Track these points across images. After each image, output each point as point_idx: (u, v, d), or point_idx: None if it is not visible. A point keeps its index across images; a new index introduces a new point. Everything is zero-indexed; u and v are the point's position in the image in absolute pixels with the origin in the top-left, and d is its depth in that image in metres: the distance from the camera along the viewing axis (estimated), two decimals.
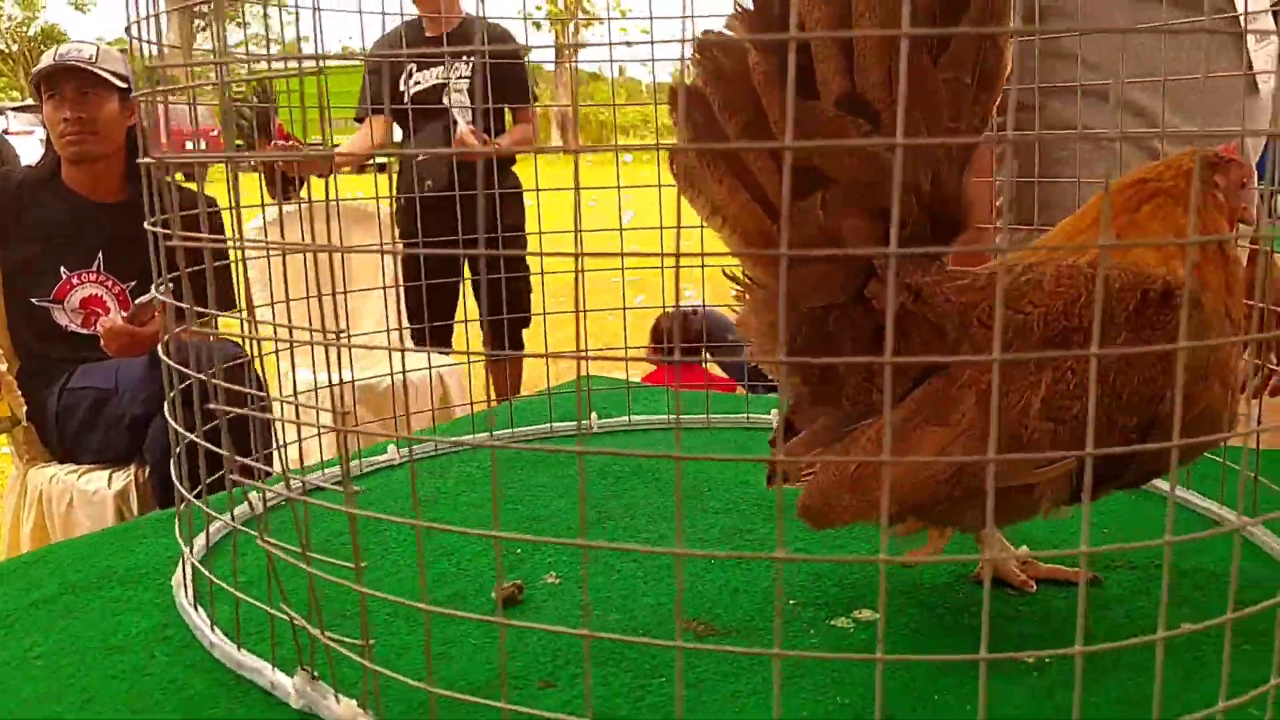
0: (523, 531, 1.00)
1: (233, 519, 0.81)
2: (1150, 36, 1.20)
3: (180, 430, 0.79)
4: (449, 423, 1.37)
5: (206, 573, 0.81)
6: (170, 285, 0.76)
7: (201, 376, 0.71)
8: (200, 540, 0.93)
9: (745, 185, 0.73)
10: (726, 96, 0.72)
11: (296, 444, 1.18)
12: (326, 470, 1.17)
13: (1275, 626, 0.59)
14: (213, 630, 0.80)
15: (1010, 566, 0.87)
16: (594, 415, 1.35)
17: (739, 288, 0.80)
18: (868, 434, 0.75)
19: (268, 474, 0.98)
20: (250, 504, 0.97)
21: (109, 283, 2.24)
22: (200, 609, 0.83)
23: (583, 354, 0.48)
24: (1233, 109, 1.29)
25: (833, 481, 0.75)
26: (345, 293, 0.64)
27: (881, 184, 0.72)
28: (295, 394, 0.99)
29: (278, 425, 1.08)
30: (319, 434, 1.14)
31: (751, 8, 0.72)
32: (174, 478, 0.83)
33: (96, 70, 2.17)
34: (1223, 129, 1.27)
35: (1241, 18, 1.40)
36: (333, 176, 1.06)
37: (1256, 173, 1.47)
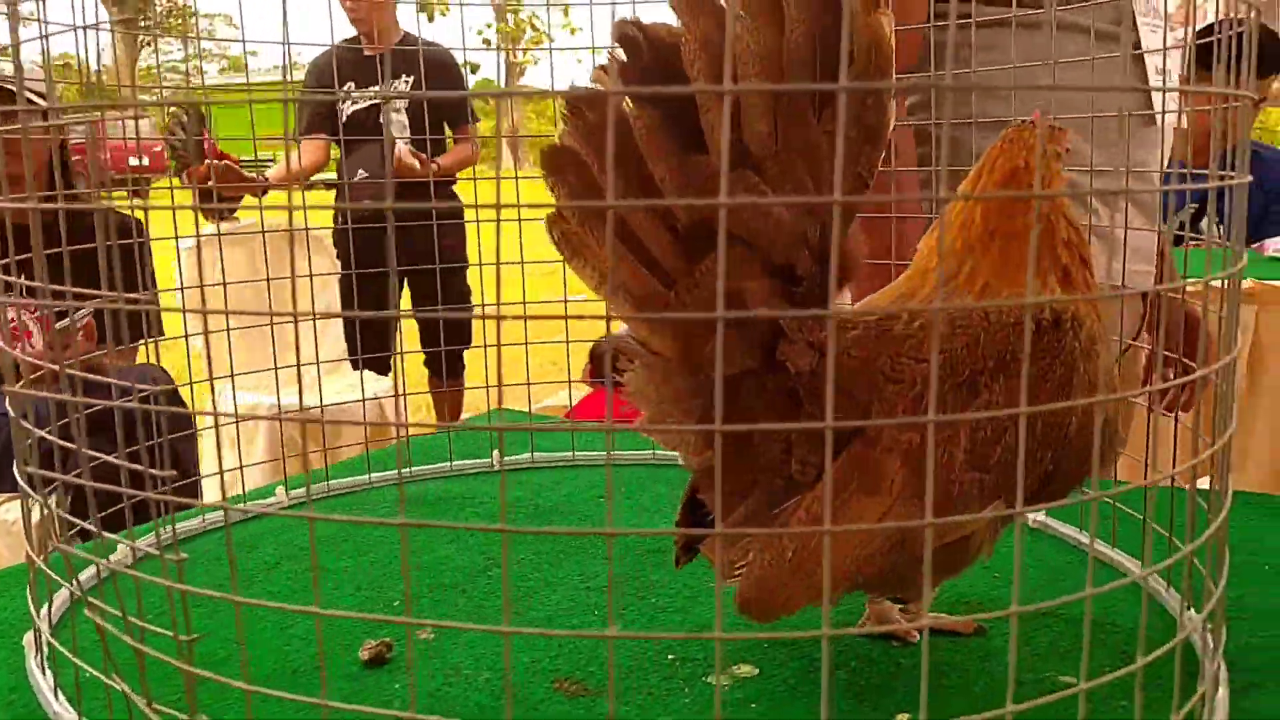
0: (406, 580, 0.97)
1: (76, 583, 0.77)
2: (1072, 71, 1.19)
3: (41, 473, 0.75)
4: (339, 462, 1.32)
5: (47, 636, 0.77)
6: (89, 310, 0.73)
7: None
8: (64, 594, 0.89)
9: (633, 250, 0.69)
10: (604, 155, 0.67)
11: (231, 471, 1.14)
12: (208, 516, 1.13)
13: (1174, 673, 0.57)
14: (56, 697, 0.75)
15: (895, 615, 0.85)
16: (495, 453, 1.32)
17: (629, 360, 0.74)
18: (798, 514, 0.71)
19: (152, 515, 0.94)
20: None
21: (31, 307, 2.18)
22: (49, 672, 0.79)
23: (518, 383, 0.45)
24: (1134, 138, 1.30)
25: (771, 571, 0.71)
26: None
27: (778, 240, 0.70)
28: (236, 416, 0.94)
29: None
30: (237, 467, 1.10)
31: (624, 58, 0.67)
32: (24, 529, 0.79)
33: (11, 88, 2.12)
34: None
35: (1146, 54, 1.41)
36: (266, 196, 1.04)
37: (1161, 204, 1.48)
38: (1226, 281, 0.69)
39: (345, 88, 3.84)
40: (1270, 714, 0.71)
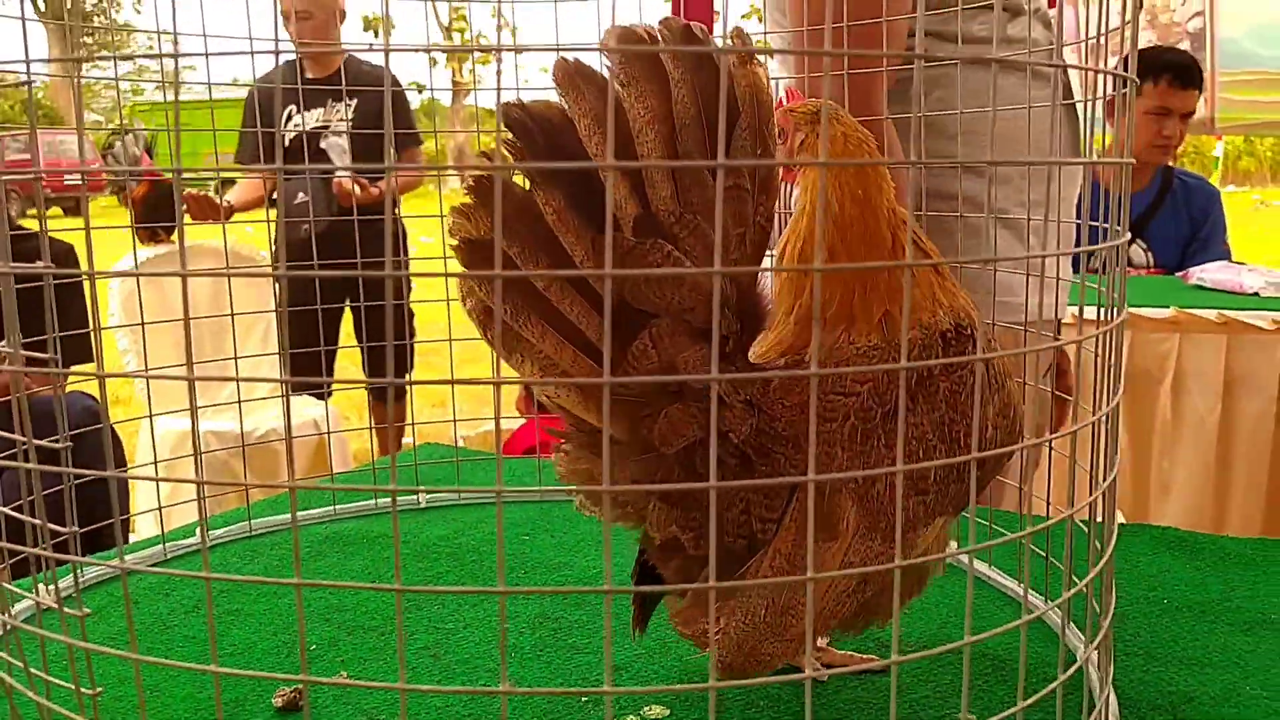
0: (321, 621, 0.97)
1: None
2: (1004, 102, 1.22)
3: None
4: (260, 500, 1.32)
5: None
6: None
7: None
8: None
9: (570, 338, 0.69)
10: (523, 244, 0.68)
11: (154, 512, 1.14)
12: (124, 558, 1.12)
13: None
14: None
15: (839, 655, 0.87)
16: (422, 493, 1.32)
17: (567, 439, 0.75)
18: (762, 571, 0.72)
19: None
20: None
21: None
22: None
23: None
24: (1065, 173, 1.34)
25: (748, 632, 0.72)
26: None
27: (700, 305, 0.71)
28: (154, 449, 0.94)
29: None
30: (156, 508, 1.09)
31: (519, 142, 0.67)
32: None
33: None
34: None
35: (1077, 91, 1.46)
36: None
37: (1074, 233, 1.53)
38: (1107, 334, 0.72)
39: (286, 111, 3.83)
40: None
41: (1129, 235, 0.72)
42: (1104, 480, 0.71)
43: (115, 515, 0.61)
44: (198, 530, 1.19)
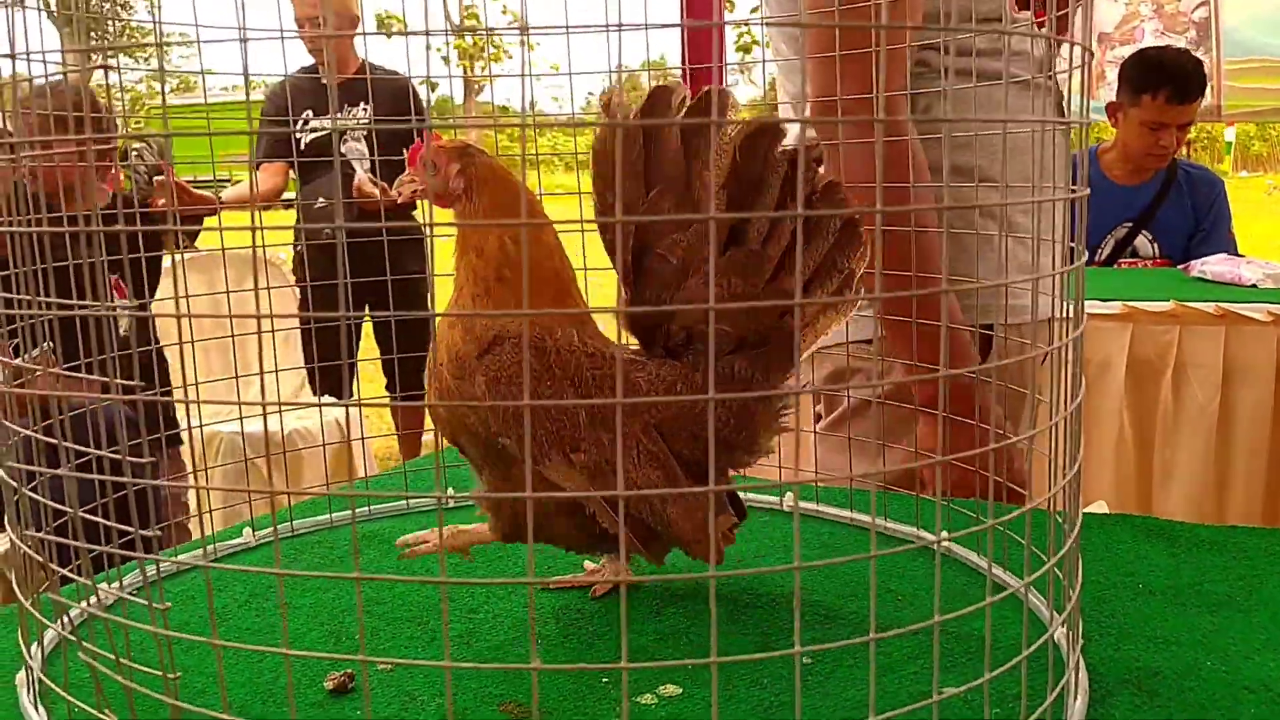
0: (363, 612, 1.06)
1: (64, 625, 0.85)
2: (999, 112, 1.29)
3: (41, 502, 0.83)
4: (300, 503, 1.41)
5: (38, 674, 0.85)
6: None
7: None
8: (54, 631, 0.97)
9: None
10: None
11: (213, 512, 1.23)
12: (186, 554, 1.21)
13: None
14: None
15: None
16: (450, 490, 1.41)
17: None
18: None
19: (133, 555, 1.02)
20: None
21: None
22: (41, 709, 0.87)
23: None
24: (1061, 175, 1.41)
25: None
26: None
27: None
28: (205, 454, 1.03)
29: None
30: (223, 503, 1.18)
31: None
32: (12, 570, 0.87)
33: None
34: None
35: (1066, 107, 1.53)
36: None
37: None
38: (1071, 344, 0.79)
39: (303, 115, 3.92)
40: (1121, 717, 0.82)
41: (1086, 256, 0.79)
42: (1067, 472, 0.79)
43: (174, 515, 0.69)
44: (244, 531, 1.28)
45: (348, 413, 3.28)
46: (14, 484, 0.81)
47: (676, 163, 0.95)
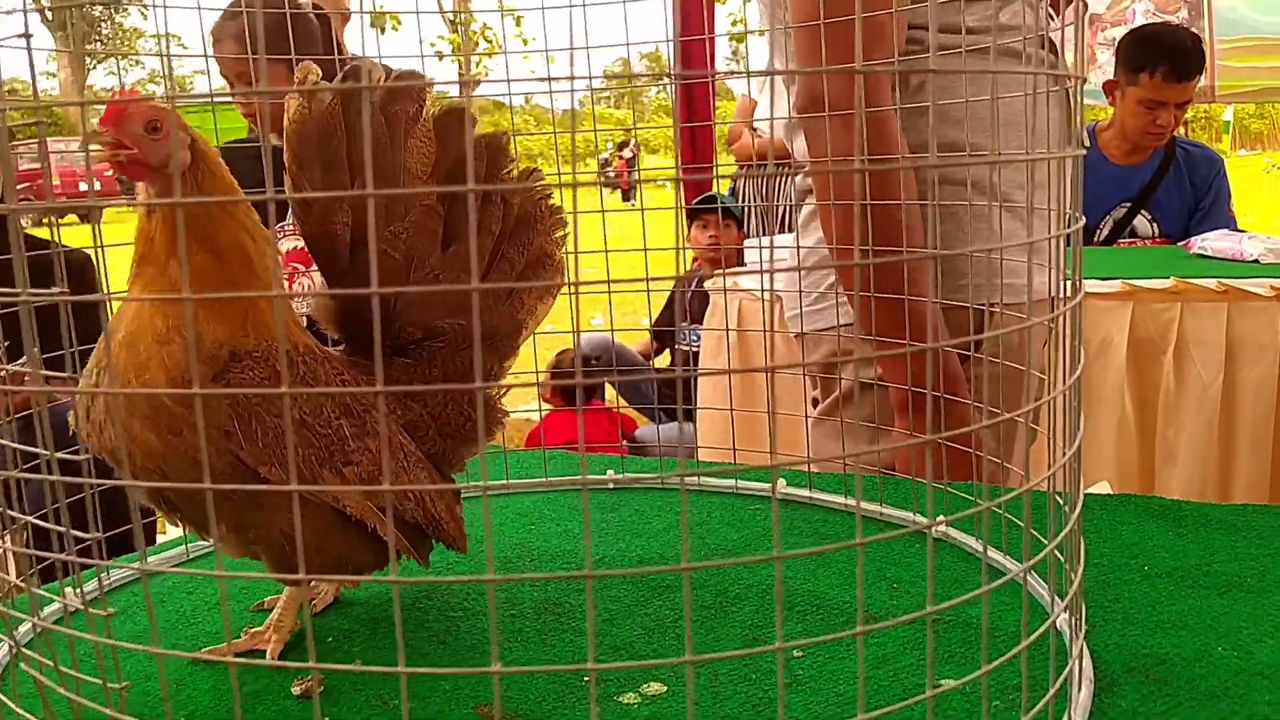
0: (337, 615, 1.01)
1: (12, 639, 0.81)
2: (1005, 90, 1.25)
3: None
4: None
5: None
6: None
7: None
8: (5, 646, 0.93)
9: None
10: None
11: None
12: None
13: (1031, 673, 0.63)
14: None
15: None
16: None
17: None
18: None
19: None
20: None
21: None
22: None
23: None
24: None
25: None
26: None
27: None
28: None
29: None
30: None
31: None
32: None
33: None
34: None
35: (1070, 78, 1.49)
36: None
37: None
38: (1067, 312, 0.75)
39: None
40: (1128, 707, 0.78)
41: (1082, 219, 0.75)
42: (1067, 450, 0.75)
43: (136, 520, 0.65)
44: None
45: None
46: None
47: (380, 151, 0.90)
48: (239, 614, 1.03)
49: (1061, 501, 0.76)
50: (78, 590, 0.83)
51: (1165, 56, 3.24)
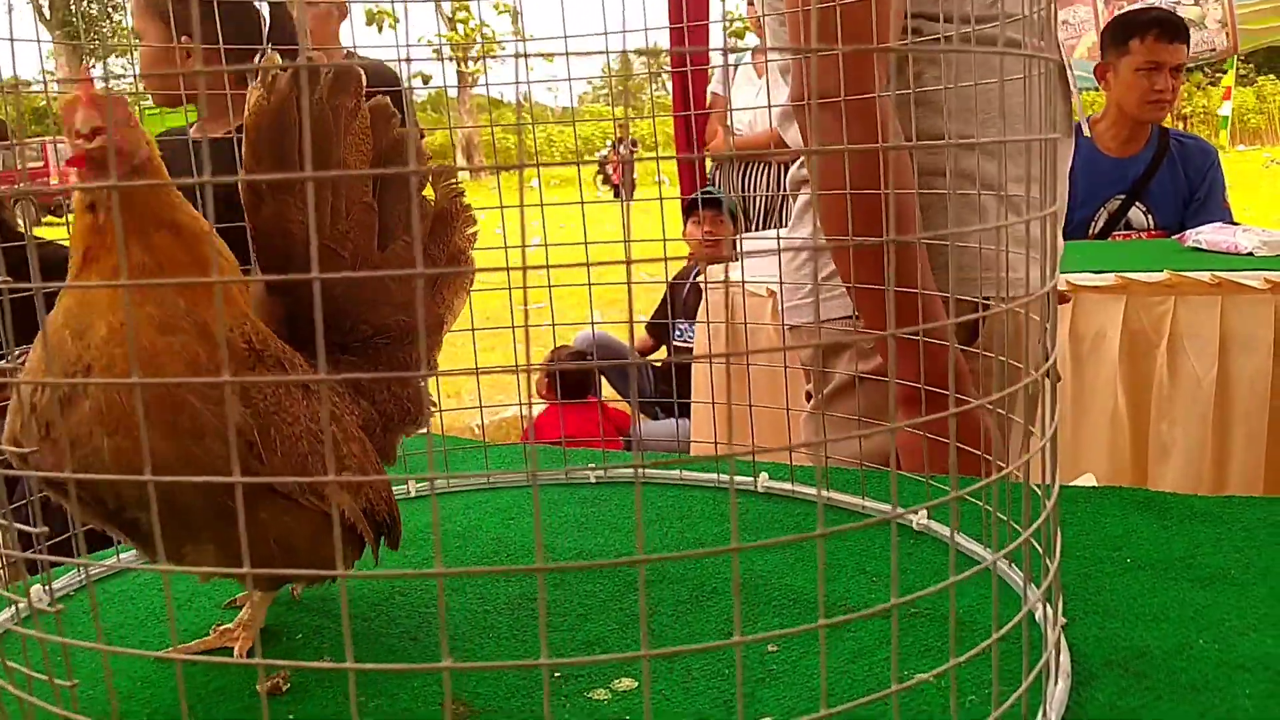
0: (307, 611, 1.00)
1: None
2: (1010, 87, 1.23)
3: None
4: None
5: None
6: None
7: None
8: None
9: None
10: None
11: None
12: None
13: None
14: None
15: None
16: (411, 481, 1.35)
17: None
18: None
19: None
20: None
21: None
22: None
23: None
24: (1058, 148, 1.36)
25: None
26: None
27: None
28: None
29: None
30: None
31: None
32: None
33: None
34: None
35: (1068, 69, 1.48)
36: None
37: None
38: (1046, 295, 0.73)
39: None
40: (1105, 701, 0.76)
41: (1056, 204, 0.73)
42: (1043, 436, 0.73)
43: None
44: None
45: None
46: None
47: (325, 144, 0.90)
48: (209, 611, 1.02)
49: (1037, 490, 0.74)
50: (47, 587, 0.81)
51: (1154, 22, 3.28)
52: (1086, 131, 3.51)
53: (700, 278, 3.42)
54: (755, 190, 4.42)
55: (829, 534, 0.56)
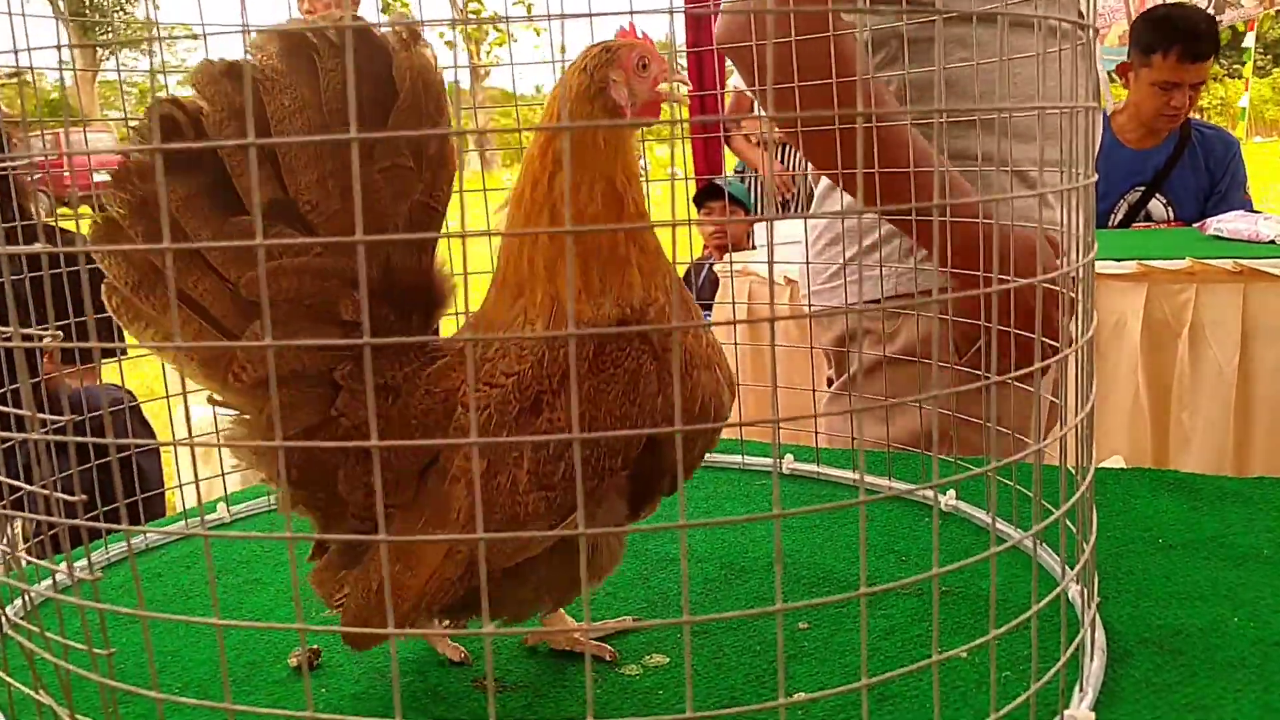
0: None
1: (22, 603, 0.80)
2: (1027, 64, 1.22)
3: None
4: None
5: None
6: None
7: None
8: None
9: (195, 311, 0.72)
10: (150, 226, 0.69)
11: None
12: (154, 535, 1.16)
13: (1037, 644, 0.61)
14: None
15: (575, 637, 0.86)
16: None
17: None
18: (376, 547, 0.74)
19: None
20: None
21: None
22: None
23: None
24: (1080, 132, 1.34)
25: (361, 604, 0.74)
26: None
27: (321, 291, 0.73)
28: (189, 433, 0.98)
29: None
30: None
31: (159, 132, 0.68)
32: None
33: None
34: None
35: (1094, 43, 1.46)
36: None
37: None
38: (1081, 268, 0.73)
39: None
40: (1141, 677, 0.76)
41: (1095, 177, 0.73)
42: (1079, 413, 0.72)
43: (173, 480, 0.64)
44: (217, 507, 1.23)
45: None
46: None
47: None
48: (237, 587, 1.02)
49: (1072, 470, 0.74)
50: (87, 561, 0.82)
51: (1178, 38, 3.20)
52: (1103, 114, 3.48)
53: (717, 267, 3.41)
54: (797, 170, 4.38)
55: (869, 501, 0.56)
